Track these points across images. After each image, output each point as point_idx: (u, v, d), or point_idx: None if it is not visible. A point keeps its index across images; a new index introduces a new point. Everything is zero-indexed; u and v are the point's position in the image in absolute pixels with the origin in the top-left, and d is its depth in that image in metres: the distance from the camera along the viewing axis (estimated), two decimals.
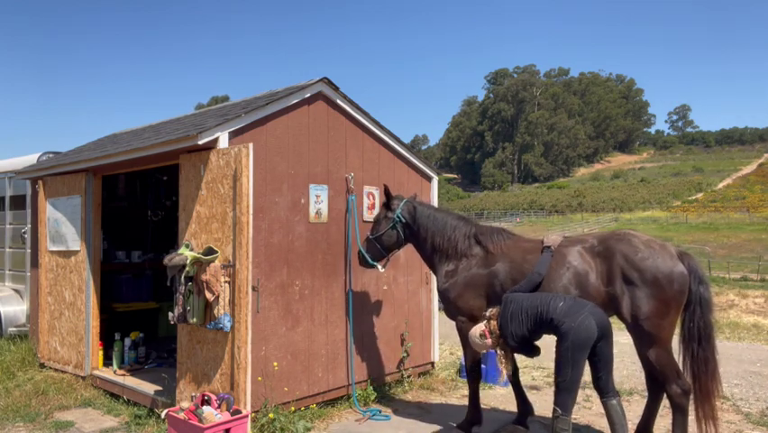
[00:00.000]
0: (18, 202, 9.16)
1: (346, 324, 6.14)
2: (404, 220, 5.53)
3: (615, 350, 9.30)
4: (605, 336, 4.12)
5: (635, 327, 4.46)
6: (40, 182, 7.51)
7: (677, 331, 4.59)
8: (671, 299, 4.39)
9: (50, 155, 8.83)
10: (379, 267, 5.71)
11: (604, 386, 4.21)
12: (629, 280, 4.45)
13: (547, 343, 4.46)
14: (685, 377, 4.48)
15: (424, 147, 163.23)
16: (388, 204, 5.61)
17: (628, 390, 6.74)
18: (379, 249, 5.62)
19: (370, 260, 5.63)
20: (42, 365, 7.31)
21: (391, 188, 6.49)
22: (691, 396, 4.48)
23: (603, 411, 6.04)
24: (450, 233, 5.34)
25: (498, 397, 6.52)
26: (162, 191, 9.03)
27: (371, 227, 5.78)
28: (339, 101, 6.11)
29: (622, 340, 9.47)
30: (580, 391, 6.69)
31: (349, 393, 6.10)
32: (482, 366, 6.73)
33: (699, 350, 4.49)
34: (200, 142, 5.04)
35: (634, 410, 5.95)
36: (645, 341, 4.44)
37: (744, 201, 71.33)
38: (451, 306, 5.28)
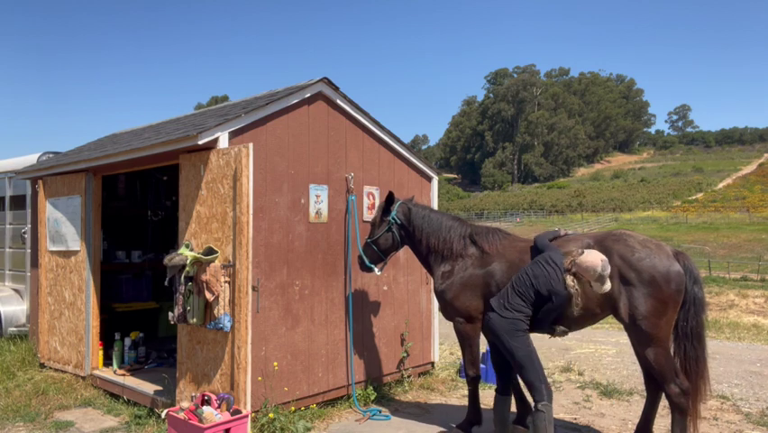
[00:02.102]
0: (18, 202, 9.16)
1: (346, 324, 6.14)
2: (399, 222, 5.53)
3: (614, 350, 9.31)
4: (495, 337, 4.45)
5: (632, 327, 4.46)
6: (40, 182, 7.51)
7: None
8: (668, 299, 4.41)
9: (50, 155, 8.84)
10: (376, 270, 5.70)
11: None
12: (626, 281, 4.45)
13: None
14: (683, 376, 4.48)
15: (424, 147, 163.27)
16: (384, 207, 5.61)
17: (628, 390, 6.74)
18: (376, 252, 5.62)
19: (367, 263, 5.64)
20: (42, 365, 7.31)
21: (391, 188, 6.52)
22: None
23: (603, 412, 6.07)
24: (445, 234, 5.34)
25: None
26: (162, 191, 9.03)
27: (369, 231, 5.78)
28: (339, 101, 6.11)
29: (622, 340, 9.50)
30: (580, 391, 6.73)
31: (349, 393, 6.10)
32: (482, 366, 6.74)
33: (690, 349, 4.52)
34: (200, 143, 5.04)
35: (634, 411, 5.95)
36: (643, 341, 4.45)
37: (744, 201, 71.34)
38: (448, 307, 5.28)
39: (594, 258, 4.29)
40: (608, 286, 4.33)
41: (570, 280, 4.34)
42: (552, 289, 4.34)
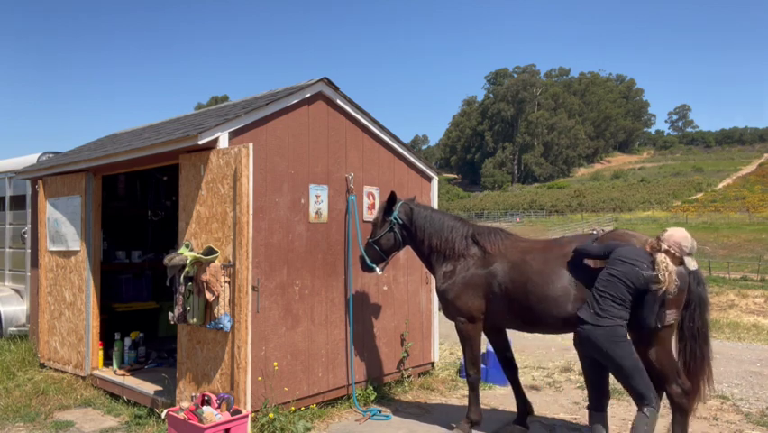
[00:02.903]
0: (18, 202, 9.16)
1: (346, 324, 6.13)
2: (401, 222, 5.53)
3: None
4: (595, 349, 4.22)
5: (635, 328, 4.45)
6: (40, 182, 7.51)
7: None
8: (671, 299, 4.40)
9: (50, 155, 8.84)
10: (378, 270, 5.70)
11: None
12: None
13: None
14: (684, 377, 4.48)
15: (424, 147, 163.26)
16: (386, 207, 5.61)
17: None
18: (378, 252, 5.62)
19: (369, 262, 5.64)
20: (42, 365, 7.31)
21: (391, 188, 6.51)
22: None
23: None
24: (447, 234, 5.35)
25: (498, 397, 6.53)
26: (162, 191, 9.03)
27: (371, 231, 5.79)
28: (339, 101, 6.11)
29: None
30: (580, 391, 6.73)
31: (349, 393, 6.10)
32: (482, 366, 6.74)
33: (697, 349, 4.52)
34: (200, 143, 5.04)
35: (634, 411, 5.94)
36: (646, 341, 4.44)
37: (744, 201, 71.30)
38: (450, 306, 5.28)
39: (682, 232, 4.19)
40: (695, 263, 4.23)
41: (661, 257, 4.10)
42: (646, 280, 4.12)
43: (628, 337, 4.16)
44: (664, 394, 4.59)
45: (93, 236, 6.80)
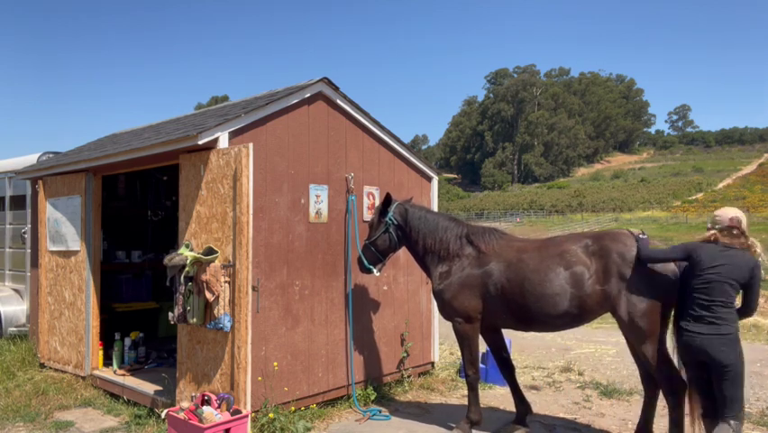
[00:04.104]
0: (18, 202, 9.17)
1: (346, 324, 6.14)
2: (396, 223, 5.54)
3: (614, 350, 9.27)
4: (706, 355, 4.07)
5: (631, 325, 4.50)
6: (40, 182, 7.51)
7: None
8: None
9: (50, 155, 8.84)
10: (375, 271, 5.71)
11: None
12: (625, 279, 4.50)
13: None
14: (680, 374, 4.51)
15: (424, 147, 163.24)
16: (382, 209, 5.63)
17: (628, 390, 6.74)
18: (375, 253, 5.63)
19: (366, 264, 5.65)
20: (42, 365, 7.31)
21: (391, 188, 6.52)
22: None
23: (603, 412, 6.07)
24: (441, 234, 5.36)
25: (498, 397, 6.53)
26: (162, 191, 9.04)
27: (368, 232, 5.80)
28: (339, 101, 6.11)
29: (622, 340, 9.49)
30: (580, 391, 6.74)
31: (349, 393, 6.10)
32: (482, 366, 6.75)
33: None
34: (200, 143, 5.04)
35: (634, 411, 5.95)
36: (642, 338, 4.48)
37: (744, 201, 71.26)
38: (447, 307, 5.29)
39: (728, 209, 4.33)
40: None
41: (753, 242, 4.14)
42: (748, 271, 4.00)
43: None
44: (660, 393, 4.61)
45: (93, 236, 6.80)
